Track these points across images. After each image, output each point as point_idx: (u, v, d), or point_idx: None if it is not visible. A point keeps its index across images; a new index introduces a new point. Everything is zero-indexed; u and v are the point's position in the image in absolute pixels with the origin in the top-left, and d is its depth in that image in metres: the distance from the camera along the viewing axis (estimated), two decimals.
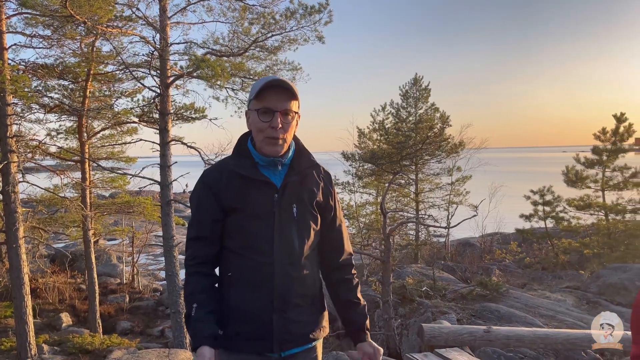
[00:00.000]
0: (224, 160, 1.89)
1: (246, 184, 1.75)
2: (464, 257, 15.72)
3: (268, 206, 1.75)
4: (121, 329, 13.04)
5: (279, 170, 1.80)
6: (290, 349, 1.79)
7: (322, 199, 1.87)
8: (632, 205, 13.83)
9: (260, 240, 1.74)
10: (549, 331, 4.86)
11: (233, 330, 1.77)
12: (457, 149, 15.81)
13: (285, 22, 9.45)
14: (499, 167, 28.27)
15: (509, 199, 18.50)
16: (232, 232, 1.76)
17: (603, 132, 14.31)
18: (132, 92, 12.14)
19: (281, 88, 1.72)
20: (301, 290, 1.79)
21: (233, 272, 1.78)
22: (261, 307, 1.73)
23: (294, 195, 1.79)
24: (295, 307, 1.77)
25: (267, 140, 1.73)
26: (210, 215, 1.77)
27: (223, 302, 1.80)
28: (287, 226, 1.76)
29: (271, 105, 1.70)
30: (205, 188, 1.80)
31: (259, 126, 1.73)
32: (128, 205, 14.23)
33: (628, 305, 9.01)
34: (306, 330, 1.81)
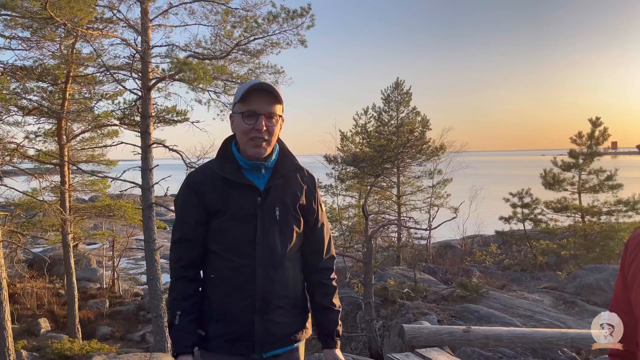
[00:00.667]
0: (208, 163, 1.91)
1: (229, 187, 1.77)
2: (445, 259, 15.90)
3: (251, 209, 1.76)
4: (101, 334, 12.88)
5: (262, 174, 1.81)
6: (272, 350, 1.80)
7: (306, 202, 1.89)
8: (607, 208, 14.16)
9: (243, 242, 1.75)
10: (525, 331, 4.98)
11: (215, 331, 1.78)
12: (438, 152, 16.00)
13: (267, 25, 9.48)
14: (479, 170, 28.65)
15: (489, 201, 18.78)
16: (215, 235, 1.77)
17: (579, 136, 14.64)
18: (113, 94, 12.03)
19: (265, 92, 1.74)
20: (283, 292, 1.80)
21: (216, 274, 1.79)
22: (243, 308, 1.75)
23: (277, 198, 1.80)
24: (276, 308, 1.79)
25: (251, 143, 1.75)
26: (194, 217, 1.78)
27: (205, 304, 1.82)
28: (269, 229, 1.78)
29: (255, 108, 1.72)
30: (190, 191, 1.81)
31: (243, 129, 1.75)
32: (109, 208, 14.09)
33: (603, 305, 9.23)
34: (288, 331, 1.83)
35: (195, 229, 1.79)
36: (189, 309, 1.76)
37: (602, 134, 14.39)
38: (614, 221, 13.92)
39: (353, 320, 8.40)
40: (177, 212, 1.86)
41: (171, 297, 1.78)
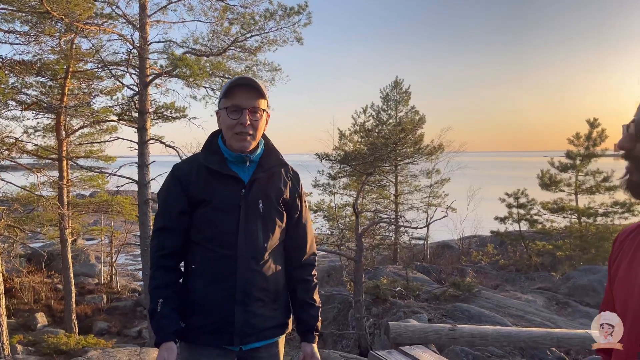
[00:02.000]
0: (194, 155, 1.95)
1: (214, 178, 1.81)
2: (441, 259, 15.93)
3: (234, 200, 1.80)
4: (98, 329, 12.94)
5: (247, 167, 1.85)
6: (251, 342, 1.83)
7: (289, 197, 1.92)
8: (603, 209, 14.17)
9: (225, 233, 1.78)
10: (512, 329, 5.00)
11: (195, 322, 1.80)
12: (436, 152, 16.02)
13: (264, 22, 9.52)
14: (477, 171, 28.67)
15: (487, 202, 18.79)
16: (199, 225, 1.80)
17: (577, 137, 14.65)
18: (111, 90, 12.08)
19: (249, 87, 1.78)
20: (263, 285, 1.82)
21: (197, 264, 1.82)
22: (223, 299, 1.77)
23: (261, 191, 1.84)
24: (256, 300, 1.81)
25: (236, 137, 1.79)
26: (177, 206, 1.81)
27: (186, 295, 1.84)
28: (252, 221, 1.81)
29: (239, 102, 1.76)
30: (174, 180, 1.85)
31: (228, 123, 1.78)
32: (106, 204, 14.12)
33: (596, 306, 9.26)
34: (268, 325, 1.85)
35: (178, 218, 1.82)
36: (171, 296, 1.77)
37: (599, 135, 14.39)
38: (610, 223, 13.94)
39: (344, 318, 8.43)
40: (160, 201, 1.89)
41: (152, 286, 1.80)
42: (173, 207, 1.82)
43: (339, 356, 5.09)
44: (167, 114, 11.01)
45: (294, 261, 1.98)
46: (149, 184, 10.26)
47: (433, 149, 15.67)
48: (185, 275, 1.87)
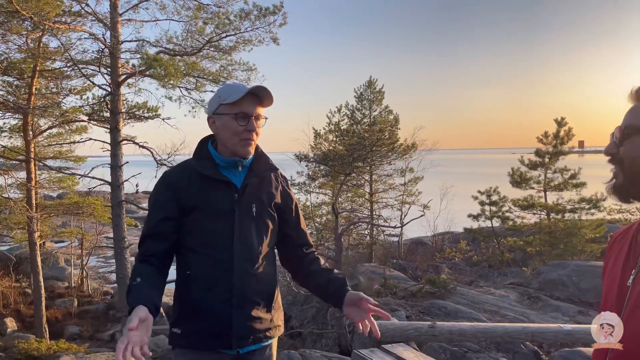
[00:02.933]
0: (185, 161, 1.96)
1: (208, 184, 1.82)
2: (416, 256, 16.14)
3: (228, 205, 1.82)
4: (69, 334, 12.65)
5: (239, 172, 1.88)
6: (248, 345, 1.85)
7: (281, 201, 1.96)
8: (571, 205, 14.61)
9: (220, 237, 1.80)
10: (488, 325, 5.13)
11: (192, 328, 1.82)
12: (410, 151, 16.22)
13: (239, 22, 9.48)
14: (450, 168, 29.17)
15: (460, 199, 19.14)
16: (193, 230, 1.81)
17: (545, 136, 15.05)
18: (81, 89, 11.80)
19: (256, 95, 1.82)
20: (259, 288, 1.85)
21: (192, 269, 1.82)
22: (220, 303, 1.79)
23: (254, 195, 1.87)
24: (253, 303, 1.83)
25: (241, 143, 1.81)
26: (164, 212, 1.82)
27: (181, 301, 1.86)
28: (246, 225, 1.83)
29: (247, 110, 1.80)
30: (164, 186, 1.86)
31: (235, 129, 1.80)
32: (77, 206, 13.82)
33: (566, 300, 9.56)
34: (263, 327, 1.87)
35: (163, 223, 1.82)
36: (151, 277, 1.72)
37: (567, 133, 14.82)
38: (577, 218, 14.38)
39: (324, 318, 8.48)
40: (149, 207, 1.90)
41: (132, 272, 1.76)
42: (159, 213, 1.83)
43: (320, 355, 5.12)
44: (140, 114, 10.85)
45: (300, 256, 2.02)
46: (122, 185, 10.10)
47: (407, 147, 15.86)
48: (180, 282, 1.88)
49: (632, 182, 1.10)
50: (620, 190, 1.13)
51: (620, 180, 1.12)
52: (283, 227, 1.99)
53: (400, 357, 3.85)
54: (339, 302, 1.86)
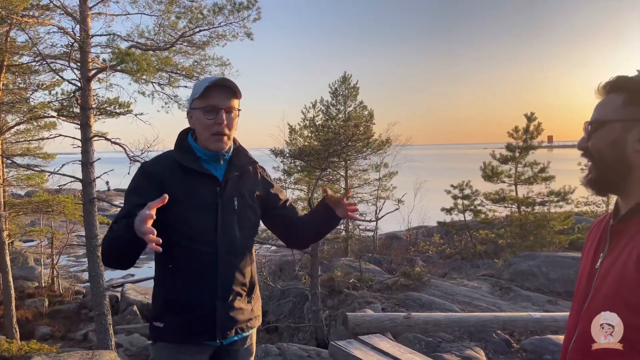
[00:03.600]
0: (166, 153, 1.94)
1: (190, 177, 1.82)
2: (390, 250, 16.33)
3: (211, 198, 1.83)
4: (41, 334, 12.41)
5: (220, 165, 1.89)
6: (232, 336, 1.88)
7: (262, 191, 2.00)
8: (540, 198, 14.99)
9: (204, 231, 1.81)
10: (462, 315, 5.27)
11: (175, 321, 1.83)
12: (384, 146, 16.37)
13: (213, 17, 9.38)
14: (423, 163, 29.53)
15: (433, 193, 19.41)
16: (175, 224, 1.79)
17: (515, 131, 15.39)
18: (50, 85, 11.50)
19: (225, 87, 1.81)
20: (242, 279, 1.88)
21: (175, 262, 1.82)
22: (205, 295, 1.81)
23: (235, 189, 1.89)
24: (236, 295, 1.87)
25: (213, 137, 1.81)
26: (142, 199, 1.73)
27: (164, 295, 1.86)
28: (228, 218, 1.85)
29: (216, 103, 1.79)
30: (144, 177, 1.84)
31: (205, 123, 1.80)
32: (47, 204, 13.50)
33: (536, 290, 9.83)
34: (245, 317, 1.91)
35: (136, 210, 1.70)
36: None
37: (536, 128, 15.19)
38: (547, 211, 14.78)
39: (300, 311, 8.54)
40: (126, 194, 1.87)
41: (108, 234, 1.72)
42: (136, 199, 1.77)
43: (297, 349, 5.17)
44: (111, 110, 10.65)
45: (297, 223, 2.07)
46: (94, 182, 9.90)
47: (381, 143, 16.00)
48: (163, 275, 1.88)
49: (602, 175, 1.16)
50: (594, 184, 1.19)
51: (593, 174, 1.18)
52: (275, 211, 2.04)
53: (376, 347, 3.93)
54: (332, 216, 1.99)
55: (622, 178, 1.14)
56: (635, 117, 1.12)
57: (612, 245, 1.16)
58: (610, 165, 1.14)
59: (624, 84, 1.16)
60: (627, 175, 1.13)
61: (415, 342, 5.69)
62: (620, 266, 1.08)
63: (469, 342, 5.89)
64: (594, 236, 1.30)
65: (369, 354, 3.77)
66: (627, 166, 1.12)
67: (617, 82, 1.18)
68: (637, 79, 1.17)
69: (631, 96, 1.13)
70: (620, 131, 1.13)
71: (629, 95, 1.14)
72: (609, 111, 1.16)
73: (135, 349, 10.62)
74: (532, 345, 5.61)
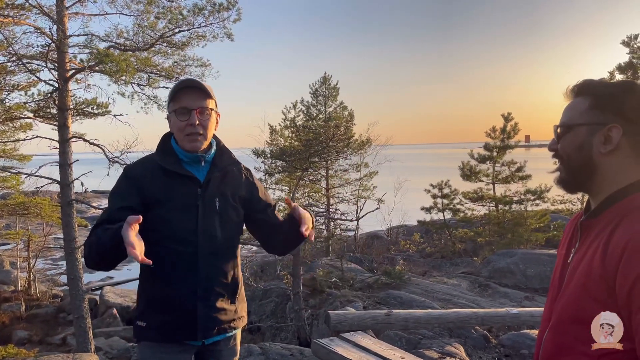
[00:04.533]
0: (148, 156, 1.97)
1: (171, 179, 1.85)
2: (371, 249, 16.46)
3: (192, 199, 1.86)
4: (17, 338, 12.19)
5: (202, 166, 1.91)
6: (213, 336, 1.91)
7: (246, 192, 2.02)
8: (517, 197, 15.30)
9: (185, 231, 1.84)
10: (441, 312, 5.37)
11: (157, 320, 1.85)
12: (364, 146, 16.49)
13: (193, 18, 9.35)
14: (403, 163, 29.77)
15: (413, 192, 19.60)
16: (156, 225, 1.81)
17: (493, 130, 15.67)
18: (26, 85, 11.29)
19: (194, 88, 1.84)
20: (223, 280, 1.91)
21: (156, 263, 1.81)
22: (185, 295, 1.83)
23: (217, 190, 1.91)
24: (217, 295, 1.89)
25: (187, 138, 1.84)
26: (125, 202, 1.82)
27: (146, 295, 1.89)
28: (210, 218, 1.87)
29: (187, 104, 1.82)
30: (126, 180, 1.87)
31: (178, 126, 1.83)
32: (23, 206, 13.28)
33: (514, 287, 10.03)
34: (228, 318, 1.93)
35: (124, 211, 1.77)
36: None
37: (513, 128, 15.50)
38: (523, 209, 15.09)
39: (282, 311, 8.57)
40: (109, 197, 1.90)
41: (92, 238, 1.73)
42: (119, 202, 1.82)
43: (280, 348, 5.20)
44: (89, 111, 10.52)
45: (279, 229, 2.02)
46: (72, 184, 9.77)
47: (362, 143, 16.11)
48: (145, 276, 1.91)
49: (571, 176, 1.23)
50: (564, 183, 1.26)
51: (563, 174, 1.25)
52: (256, 214, 2.05)
53: (358, 344, 3.99)
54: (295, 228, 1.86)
55: (589, 178, 1.20)
56: (599, 121, 1.17)
57: (582, 241, 1.22)
58: (578, 167, 1.20)
59: (590, 88, 1.22)
60: (593, 176, 1.19)
61: (397, 339, 5.78)
62: (587, 261, 1.14)
63: (449, 339, 6.01)
64: (567, 232, 1.36)
65: (351, 351, 3.83)
66: (593, 168, 1.18)
67: (583, 86, 1.23)
68: (601, 83, 1.23)
69: (596, 100, 1.19)
70: (585, 135, 1.19)
71: (594, 99, 1.19)
72: (576, 115, 1.21)
73: (116, 352, 10.51)
74: (509, 340, 5.75)
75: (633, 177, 1.17)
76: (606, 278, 1.07)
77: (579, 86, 1.24)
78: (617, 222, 1.12)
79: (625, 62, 11.37)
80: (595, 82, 1.23)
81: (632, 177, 1.17)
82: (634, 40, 11.47)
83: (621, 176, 1.17)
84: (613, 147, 1.16)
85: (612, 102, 1.18)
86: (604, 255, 1.09)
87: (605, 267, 1.07)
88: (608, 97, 1.18)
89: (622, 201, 1.16)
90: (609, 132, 1.16)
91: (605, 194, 1.18)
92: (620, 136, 1.16)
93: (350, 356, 3.70)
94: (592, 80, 1.24)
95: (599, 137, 1.17)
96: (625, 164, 1.18)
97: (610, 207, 1.17)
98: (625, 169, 1.17)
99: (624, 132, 1.15)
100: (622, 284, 1.03)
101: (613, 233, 1.11)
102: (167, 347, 1.88)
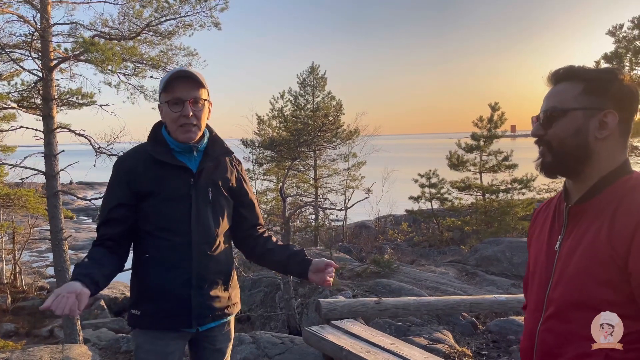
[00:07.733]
0: (140, 146, 1.96)
1: (163, 169, 1.85)
2: (360, 239, 16.55)
3: (185, 189, 1.86)
4: (4, 331, 12.09)
5: (194, 156, 1.91)
6: (208, 323, 1.93)
7: (236, 184, 2.02)
8: (504, 186, 15.47)
9: (178, 221, 1.84)
10: (430, 299, 5.44)
11: (151, 308, 1.86)
12: (352, 136, 16.52)
13: (179, 6, 9.24)
14: (391, 153, 29.90)
15: (401, 182, 19.72)
16: (149, 215, 1.84)
17: (480, 120, 15.79)
18: (9, 75, 11.09)
19: (187, 78, 1.83)
20: (217, 268, 1.92)
21: (150, 252, 1.86)
22: (179, 284, 1.84)
23: (209, 179, 1.91)
24: (211, 283, 1.90)
25: (180, 129, 1.83)
26: (117, 199, 1.85)
27: (140, 283, 1.90)
28: (203, 208, 1.88)
29: (180, 95, 1.81)
30: (119, 174, 1.88)
31: (171, 116, 1.82)
32: (7, 198, 13.11)
33: (500, 274, 10.17)
34: (222, 305, 1.95)
35: (118, 209, 1.84)
36: (100, 257, 1.77)
37: (499, 118, 15.63)
38: (510, 198, 15.26)
39: (272, 301, 8.60)
40: (104, 194, 1.92)
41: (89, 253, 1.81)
42: (112, 200, 1.86)
43: (271, 336, 5.23)
44: (74, 101, 10.38)
45: (257, 236, 2.09)
46: (58, 175, 9.66)
47: (350, 133, 16.14)
48: (139, 265, 1.92)
49: (560, 161, 1.22)
50: (547, 168, 1.25)
51: (548, 159, 1.23)
52: (239, 209, 2.05)
53: (349, 331, 4.04)
54: (303, 273, 1.95)
55: (582, 163, 1.19)
56: (595, 106, 1.17)
57: (571, 227, 1.21)
58: (571, 152, 1.19)
59: (580, 74, 1.21)
60: (587, 161, 1.18)
61: (386, 327, 5.83)
62: (588, 245, 1.14)
63: (437, 325, 6.08)
64: (543, 219, 1.36)
65: (342, 338, 3.87)
66: (589, 153, 1.18)
67: (569, 71, 1.23)
68: (590, 69, 1.24)
69: (590, 85, 1.19)
70: (582, 119, 1.18)
71: (588, 84, 1.19)
72: (569, 99, 1.20)
73: (105, 343, 10.48)
74: (497, 326, 5.83)
75: (619, 160, 1.19)
76: (615, 258, 1.08)
77: (565, 71, 1.24)
78: (616, 204, 1.13)
79: (611, 52, 11.50)
80: (584, 68, 1.22)
81: (618, 160, 1.18)
82: (619, 30, 11.60)
83: (610, 161, 1.18)
84: (609, 133, 1.17)
85: (605, 87, 1.18)
86: (610, 236, 1.09)
87: (615, 248, 1.08)
88: (601, 83, 1.19)
89: (615, 183, 1.16)
90: (604, 117, 1.17)
91: (595, 178, 1.19)
92: (616, 122, 1.17)
93: (342, 343, 3.74)
94: (577, 66, 1.23)
95: (594, 122, 1.17)
96: (614, 149, 1.19)
97: (603, 191, 1.17)
98: (613, 153, 1.19)
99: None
100: (638, 261, 1.04)
101: (615, 214, 1.11)
102: (162, 334, 1.90)
